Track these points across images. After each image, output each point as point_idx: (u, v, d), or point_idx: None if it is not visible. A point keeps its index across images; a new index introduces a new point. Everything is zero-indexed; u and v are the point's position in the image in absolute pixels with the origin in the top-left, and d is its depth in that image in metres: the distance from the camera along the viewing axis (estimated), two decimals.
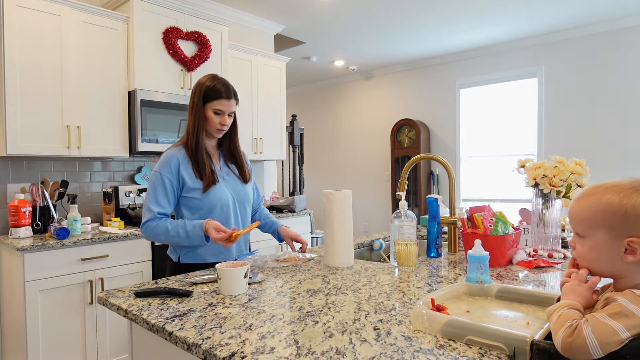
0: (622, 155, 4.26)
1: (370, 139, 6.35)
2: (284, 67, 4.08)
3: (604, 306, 0.79)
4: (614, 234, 0.81)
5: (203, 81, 1.71)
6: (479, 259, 1.19)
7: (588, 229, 0.84)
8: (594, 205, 0.84)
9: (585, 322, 0.75)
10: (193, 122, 1.69)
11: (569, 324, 0.76)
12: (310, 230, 4.07)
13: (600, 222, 0.82)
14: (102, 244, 2.54)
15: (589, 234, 0.84)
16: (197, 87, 1.71)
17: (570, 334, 0.75)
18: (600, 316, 0.75)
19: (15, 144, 2.49)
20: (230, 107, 1.70)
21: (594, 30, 4.38)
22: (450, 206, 1.89)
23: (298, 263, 1.66)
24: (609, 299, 0.79)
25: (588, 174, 1.68)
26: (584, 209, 0.85)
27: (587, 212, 0.85)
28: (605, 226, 0.82)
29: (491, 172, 5.19)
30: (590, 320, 0.75)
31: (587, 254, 0.85)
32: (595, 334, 0.73)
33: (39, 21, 2.57)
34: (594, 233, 0.83)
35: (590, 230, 0.84)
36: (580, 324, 0.75)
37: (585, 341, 0.73)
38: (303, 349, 0.87)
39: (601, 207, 0.82)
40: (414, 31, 4.51)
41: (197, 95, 1.69)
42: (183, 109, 3.13)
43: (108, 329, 2.57)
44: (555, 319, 0.80)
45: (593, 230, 0.83)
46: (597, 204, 0.83)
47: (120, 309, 1.18)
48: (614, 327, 0.73)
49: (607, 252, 0.82)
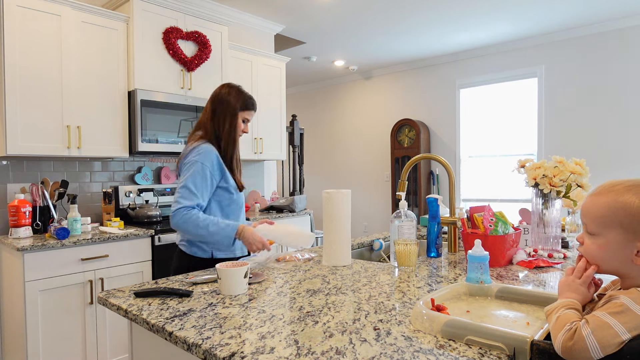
0: (622, 155, 4.26)
1: (370, 139, 6.35)
2: (284, 67, 4.08)
3: (606, 303, 0.78)
4: (629, 236, 0.79)
5: (238, 89, 1.82)
6: (479, 259, 1.19)
7: (601, 227, 0.82)
8: (611, 203, 0.80)
9: (584, 323, 0.74)
10: (230, 125, 1.79)
11: (568, 327, 0.75)
12: (310, 230, 4.07)
13: (615, 221, 0.80)
14: (102, 244, 2.54)
15: (601, 232, 0.82)
16: (236, 93, 1.80)
17: (570, 337, 0.74)
18: (601, 314, 0.74)
19: (15, 144, 2.49)
20: (252, 116, 1.88)
21: (594, 30, 4.38)
22: (450, 206, 1.89)
23: (298, 264, 1.66)
24: (612, 297, 0.78)
25: (588, 174, 1.68)
26: (600, 206, 0.82)
27: (603, 210, 0.81)
28: (621, 227, 0.79)
29: (491, 172, 5.19)
30: (591, 320, 0.74)
31: (596, 251, 0.83)
32: (596, 337, 0.72)
33: (39, 21, 2.57)
34: (607, 232, 0.81)
35: (603, 229, 0.81)
36: (579, 326, 0.74)
37: (585, 344, 0.72)
38: (303, 349, 0.87)
39: (619, 207, 0.79)
40: (414, 31, 4.51)
41: (237, 101, 1.80)
42: (183, 109, 3.13)
43: (108, 329, 2.58)
44: (553, 321, 0.79)
45: (607, 229, 0.81)
46: (615, 203, 0.80)
47: (120, 309, 1.18)
48: (615, 327, 0.72)
49: (618, 253, 0.80)
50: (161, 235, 2.79)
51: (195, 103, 3.19)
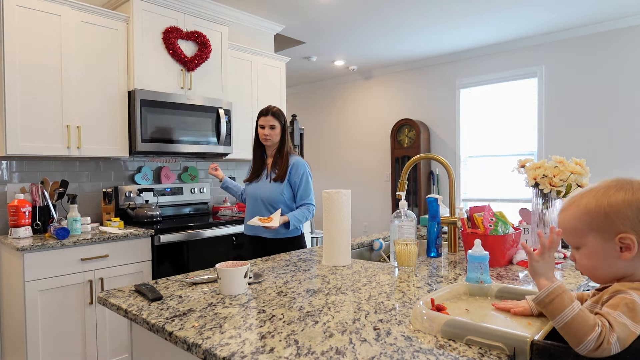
0: (622, 155, 4.26)
1: (370, 138, 6.35)
2: (284, 67, 4.08)
3: (610, 297, 0.79)
4: (603, 236, 0.81)
5: None
6: (479, 259, 1.19)
7: (579, 238, 0.85)
8: (575, 214, 0.84)
9: (610, 330, 0.74)
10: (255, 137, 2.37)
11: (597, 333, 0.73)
12: (310, 230, 4.06)
13: (586, 228, 0.83)
14: (102, 244, 2.54)
15: (581, 243, 0.85)
16: None
17: (600, 344, 0.73)
18: (617, 315, 0.75)
19: (15, 144, 2.49)
20: (267, 121, 2.28)
21: (594, 30, 4.38)
22: (450, 206, 1.89)
23: None
24: (619, 291, 0.79)
25: (588, 174, 1.68)
26: (568, 219, 0.86)
27: (572, 222, 0.85)
28: (593, 230, 0.82)
29: (491, 172, 5.19)
30: (615, 324, 0.74)
31: (587, 262, 0.85)
32: (621, 342, 0.74)
33: (39, 21, 2.57)
34: (586, 240, 0.84)
35: (581, 239, 0.84)
36: (606, 332, 0.73)
37: (610, 347, 0.73)
38: (303, 349, 0.87)
39: (582, 214, 0.83)
40: (414, 31, 4.51)
41: None
42: (183, 109, 3.13)
43: (108, 329, 2.57)
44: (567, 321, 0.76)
45: (583, 238, 0.84)
46: (578, 211, 0.84)
47: (120, 309, 1.18)
48: (632, 328, 0.74)
49: (604, 256, 0.82)
50: (161, 235, 2.78)
51: (195, 103, 3.19)
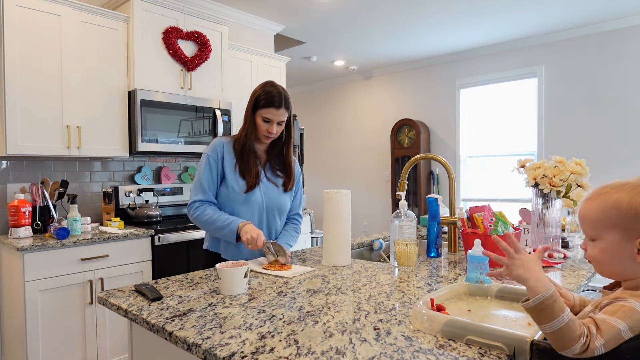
0: (622, 155, 4.26)
1: (370, 138, 6.35)
2: (284, 67, 4.08)
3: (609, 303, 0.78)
4: (626, 234, 0.79)
5: (257, 87, 1.73)
6: (479, 259, 1.19)
7: (598, 231, 0.82)
8: (602, 206, 0.81)
9: (597, 335, 0.72)
10: (244, 127, 1.73)
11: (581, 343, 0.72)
12: (310, 230, 4.07)
13: (610, 223, 0.80)
14: (102, 244, 2.54)
15: (599, 236, 0.82)
16: (252, 92, 1.73)
17: (584, 350, 0.72)
18: (613, 321, 0.74)
19: (15, 144, 2.49)
20: (279, 116, 1.69)
21: (593, 30, 4.38)
22: (450, 206, 1.89)
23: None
24: (619, 298, 0.78)
25: (588, 174, 1.68)
26: (593, 210, 0.83)
27: (596, 214, 0.82)
28: (617, 227, 0.80)
29: (491, 172, 5.19)
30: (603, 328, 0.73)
31: (599, 255, 0.83)
32: (606, 346, 0.72)
33: (39, 21, 2.57)
34: (605, 234, 0.81)
35: (600, 232, 0.82)
36: (592, 338, 0.72)
37: (595, 351, 0.72)
38: (303, 349, 0.87)
39: (610, 208, 0.80)
40: (414, 31, 4.51)
41: (250, 101, 1.72)
42: (183, 109, 3.13)
43: (108, 329, 2.57)
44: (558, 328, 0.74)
45: (604, 231, 0.81)
46: (605, 205, 0.81)
47: (120, 309, 1.18)
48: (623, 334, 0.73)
49: (619, 254, 0.80)
50: (161, 235, 2.78)
51: (195, 103, 3.19)
